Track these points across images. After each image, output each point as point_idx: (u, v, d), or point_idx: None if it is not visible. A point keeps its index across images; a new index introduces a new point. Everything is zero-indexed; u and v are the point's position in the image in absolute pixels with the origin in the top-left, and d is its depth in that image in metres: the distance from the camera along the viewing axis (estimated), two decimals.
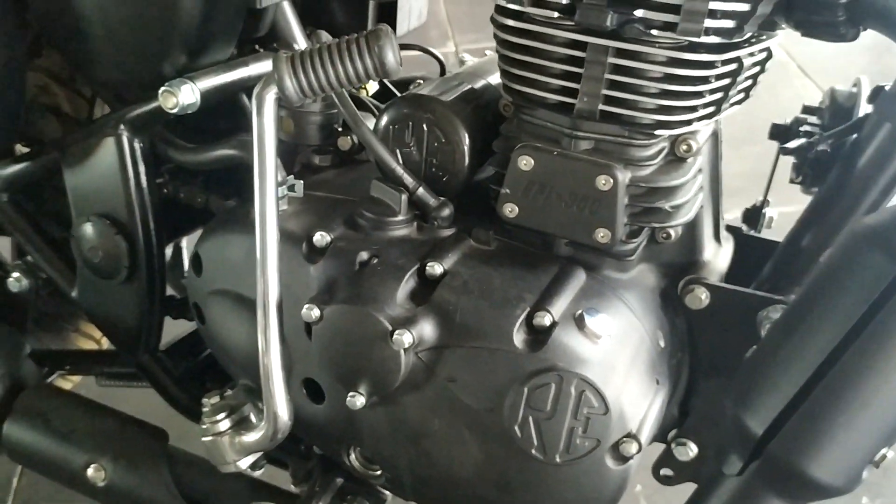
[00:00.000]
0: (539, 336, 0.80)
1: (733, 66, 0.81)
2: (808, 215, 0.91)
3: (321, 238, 0.89)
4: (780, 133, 1.01)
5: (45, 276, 1.17)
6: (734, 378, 0.76)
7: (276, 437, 0.86)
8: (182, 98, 0.92)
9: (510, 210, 0.87)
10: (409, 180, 0.90)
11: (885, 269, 0.67)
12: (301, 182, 0.91)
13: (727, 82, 0.81)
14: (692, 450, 0.91)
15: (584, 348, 0.79)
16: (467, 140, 0.91)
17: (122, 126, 1.01)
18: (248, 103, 1.08)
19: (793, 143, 0.96)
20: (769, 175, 1.02)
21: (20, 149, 1.21)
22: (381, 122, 0.94)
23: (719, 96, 0.82)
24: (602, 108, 0.82)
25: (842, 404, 0.67)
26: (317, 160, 1.03)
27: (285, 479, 1.12)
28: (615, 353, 0.81)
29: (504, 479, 0.85)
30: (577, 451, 0.80)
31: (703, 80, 0.79)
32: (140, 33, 0.95)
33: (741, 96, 0.88)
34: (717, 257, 0.97)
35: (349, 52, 0.81)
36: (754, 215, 1.06)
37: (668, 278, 0.92)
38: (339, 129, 1.04)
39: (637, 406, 0.81)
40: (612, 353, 0.81)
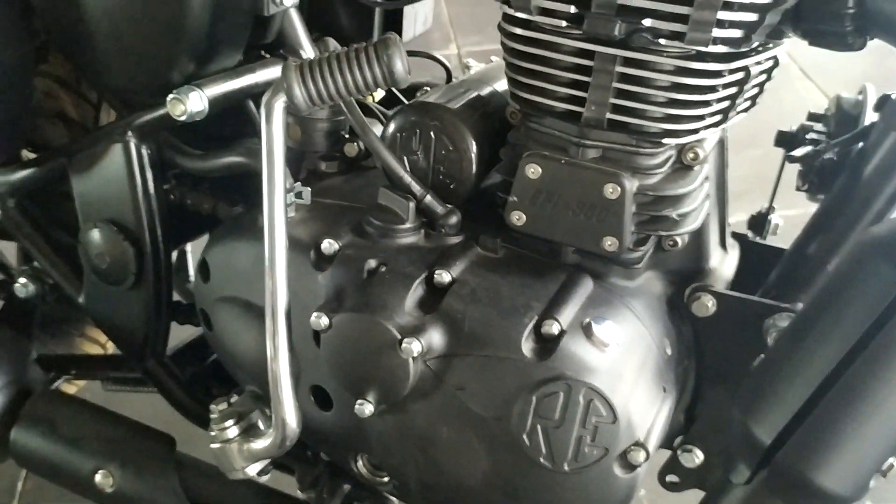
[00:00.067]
0: (547, 344, 0.80)
1: (740, 76, 0.81)
2: (815, 223, 0.91)
3: (329, 246, 0.89)
4: (786, 140, 1.01)
5: (51, 281, 1.17)
6: (742, 387, 0.76)
7: (285, 444, 0.86)
8: (190, 105, 0.92)
9: (518, 218, 0.87)
10: (416, 188, 0.90)
11: (893, 280, 0.67)
12: (308, 189, 0.91)
13: (734, 91, 0.81)
14: (698, 456, 0.92)
15: (592, 357, 0.80)
16: (474, 148, 0.91)
17: (129, 132, 1.01)
18: (253, 109, 1.08)
19: (799, 151, 0.96)
20: (774, 182, 1.03)
21: (26, 154, 1.22)
22: (389, 130, 0.94)
23: (726, 105, 0.82)
24: (609, 116, 0.82)
25: (850, 414, 0.67)
26: (323, 166, 1.03)
27: (292, 484, 1.12)
28: (623, 362, 0.81)
29: (512, 486, 0.85)
30: (585, 459, 0.80)
31: (711, 89, 0.79)
32: (148, 41, 0.95)
33: (748, 104, 0.88)
34: (723, 264, 0.97)
35: (358, 60, 0.81)
36: (760, 222, 1.06)
37: (675, 285, 0.93)
38: (346, 136, 1.04)
39: (645, 414, 0.81)
40: (619, 361, 0.81)
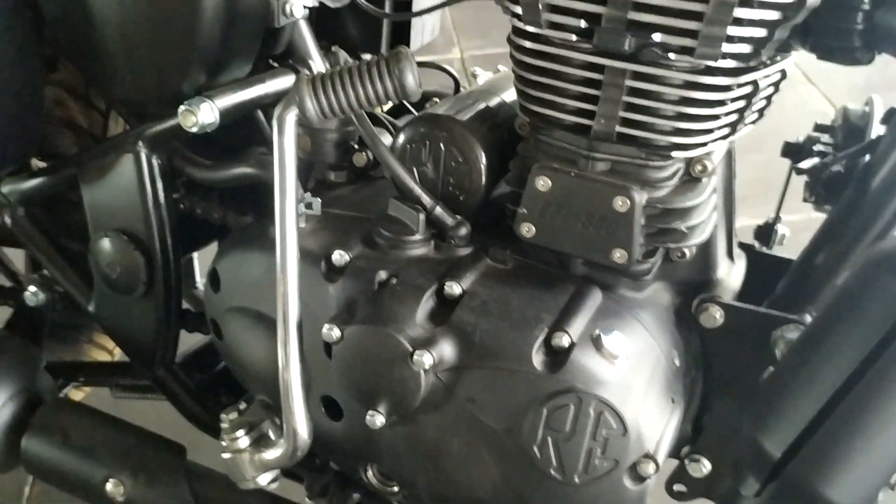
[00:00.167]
0: (557, 357, 0.81)
1: (749, 89, 0.81)
2: (822, 235, 0.91)
3: (340, 257, 0.90)
4: (792, 151, 1.02)
5: (61, 289, 1.18)
6: (751, 400, 0.77)
7: (296, 454, 0.87)
8: (202, 117, 0.92)
9: (527, 230, 0.88)
10: (426, 199, 0.91)
11: None
12: (318, 200, 0.92)
13: (743, 104, 0.82)
14: (706, 466, 0.92)
15: (602, 369, 0.80)
16: (484, 159, 0.92)
17: (140, 143, 1.01)
18: (261, 118, 1.09)
19: (806, 163, 0.96)
20: (781, 194, 1.03)
21: (35, 163, 1.22)
22: (399, 142, 0.95)
23: (735, 118, 0.83)
24: (619, 129, 0.82)
25: (859, 428, 0.68)
26: (332, 176, 1.04)
27: (300, 491, 1.12)
28: (632, 374, 0.82)
29: (522, 498, 0.86)
30: (595, 471, 0.81)
31: (720, 102, 0.80)
32: (160, 53, 0.96)
33: (756, 116, 0.89)
34: (731, 275, 0.97)
35: (370, 74, 0.82)
36: (766, 232, 1.06)
37: (682, 296, 0.93)
38: (355, 146, 1.04)
39: (654, 426, 0.82)
40: (629, 373, 0.81)
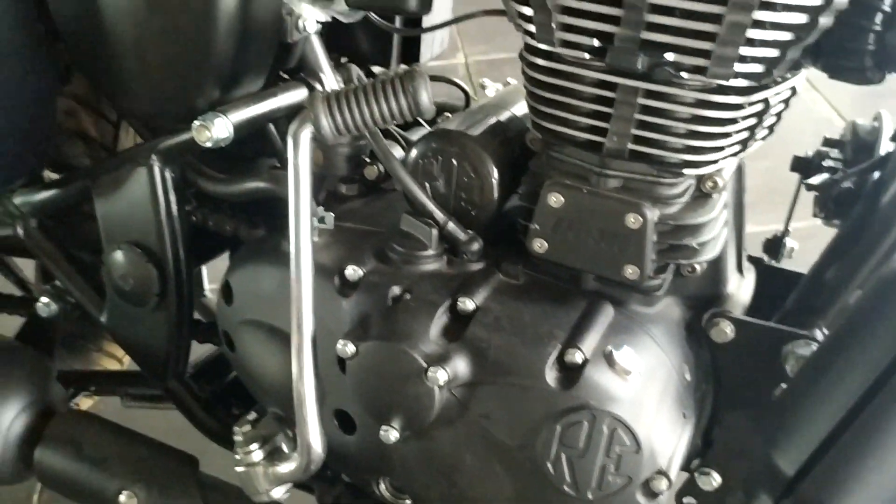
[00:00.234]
0: (571, 373, 0.81)
1: (760, 107, 0.81)
2: (832, 250, 0.92)
3: (353, 272, 0.90)
4: (802, 166, 1.02)
5: (73, 300, 1.18)
6: (762, 416, 0.77)
7: (310, 468, 0.87)
8: (216, 132, 0.92)
9: (539, 245, 0.88)
10: (439, 215, 0.91)
11: None
12: (331, 214, 0.92)
13: (754, 122, 0.82)
14: (716, 479, 0.92)
15: (614, 385, 0.81)
16: (496, 174, 0.92)
17: (153, 156, 1.02)
18: (273, 131, 1.10)
19: (816, 179, 0.97)
20: (790, 207, 1.04)
21: (48, 175, 1.23)
22: (411, 157, 0.95)
23: (746, 135, 0.83)
24: (631, 147, 0.83)
25: (872, 447, 0.68)
26: (343, 189, 1.04)
27: (310, 502, 1.13)
28: (645, 390, 0.82)
29: None
30: (608, 488, 0.81)
31: (731, 121, 0.80)
32: (174, 68, 0.96)
33: (766, 133, 0.90)
34: (740, 289, 0.98)
35: (384, 92, 0.82)
36: (775, 245, 1.07)
37: (693, 311, 0.93)
38: (367, 160, 1.05)
39: (666, 442, 0.82)
40: (642, 390, 0.82)
